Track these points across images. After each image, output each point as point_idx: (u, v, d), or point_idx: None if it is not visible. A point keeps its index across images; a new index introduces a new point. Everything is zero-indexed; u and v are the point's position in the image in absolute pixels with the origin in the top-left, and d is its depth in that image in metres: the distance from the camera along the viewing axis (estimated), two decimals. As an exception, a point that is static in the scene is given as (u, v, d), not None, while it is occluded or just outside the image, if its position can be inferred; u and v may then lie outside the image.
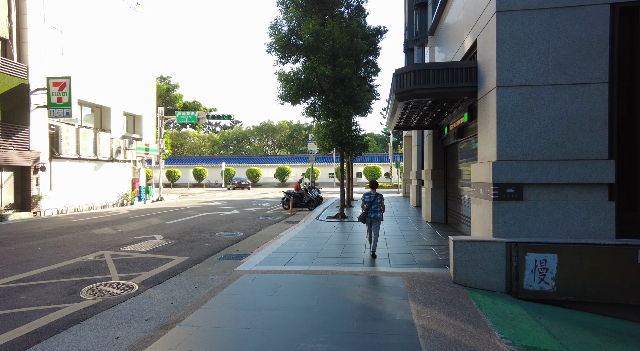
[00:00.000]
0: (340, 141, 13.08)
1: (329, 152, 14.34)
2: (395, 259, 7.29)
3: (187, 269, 6.80)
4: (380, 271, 6.40)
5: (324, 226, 11.89)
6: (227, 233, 10.72)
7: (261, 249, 8.37)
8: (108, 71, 20.93)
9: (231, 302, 4.99)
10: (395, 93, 7.83)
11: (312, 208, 17.75)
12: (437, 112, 10.02)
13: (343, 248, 8.42)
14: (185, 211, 16.88)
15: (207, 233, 10.69)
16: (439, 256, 7.51)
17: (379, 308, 4.69)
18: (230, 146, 76.80)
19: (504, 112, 6.07)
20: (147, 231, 10.93)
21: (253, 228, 11.77)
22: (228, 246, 8.96)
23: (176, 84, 34.54)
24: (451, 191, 12.18)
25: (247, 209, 17.83)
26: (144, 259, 7.48)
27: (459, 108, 9.40)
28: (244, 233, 10.79)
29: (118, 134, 21.81)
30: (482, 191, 6.61)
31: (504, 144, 6.06)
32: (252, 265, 6.92)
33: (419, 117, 10.59)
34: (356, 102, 13.15)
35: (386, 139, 74.10)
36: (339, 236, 9.97)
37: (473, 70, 7.23)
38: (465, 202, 10.57)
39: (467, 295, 5.37)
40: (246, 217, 14.63)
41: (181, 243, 9.17)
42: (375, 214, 7.42)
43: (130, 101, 22.97)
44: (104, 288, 5.61)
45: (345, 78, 12.87)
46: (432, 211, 12.69)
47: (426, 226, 11.86)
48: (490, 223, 6.11)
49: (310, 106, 14.12)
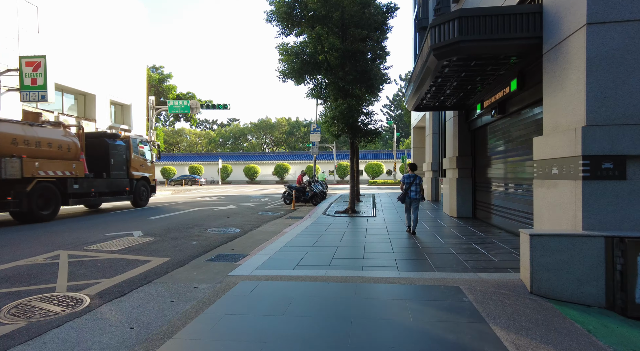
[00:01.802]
0: (351, 124, 11.41)
1: (337, 138, 12.65)
2: (436, 261, 5.63)
3: (165, 274, 5.12)
4: (426, 278, 4.73)
5: (334, 221, 10.22)
6: (221, 229, 9.03)
7: (262, 248, 6.70)
8: (93, 56, 19.18)
9: (220, 327, 3.32)
10: (433, 49, 6.16)
11: (317, 203, 16.09)
12: (472, 83, 8.36)
13: (364, 246, 6.75)
14: (175, 206, 15.15)
15: (197, 229, 8.99)
16: (491, 257, 5.85)
17: (450, 338, 3.03)
18: (227, 144, 74.98)
19: (597, 59, 4.42)
20: (125, 227, 9.23)
21: (251, 224, 10.09)
22: (221, 244, 7.27)
23: (169, 73, 32.68)
24: (481, 181, 10.54)
25: (244, 205, 16.13)
26: (110, 262, 5.78)
27: (500, 77, 7.75)
28: (241, 230, 9.11)
29: (104, 124, 20.07)
30: (556, 170, 4.96)
31: (597, 103, 4.41)
32: (251, 269, 5.25)
33: (449, 91, 8.93)
34: (369, 79, 11.48)
35: (386, 137, 72.49)
36: (354, 233, 8.31)
37: (536, 16, 5.58)
38: (497, 193, 8.93)
39: (559, 313, 3.71)
40: (243, 212, 12.94)
41: (163, 241, 7.47)
42: (415, 195, 7.96)
43: (118, 89, 21.23)
44: (39, 304, 3.92)
45: (357, 51, 11.19)
46: (458, 205, 11.04)
47: (453, 221, 10.21)
48: (577, 211, 4.46)
49: (316, 85, 12.42)
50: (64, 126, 12.09)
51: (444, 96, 9.42)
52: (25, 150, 10.21)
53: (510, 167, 8.29)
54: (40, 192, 10.53)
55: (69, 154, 11.58)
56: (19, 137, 10.17)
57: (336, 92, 11.48)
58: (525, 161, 7.47)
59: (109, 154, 13.48)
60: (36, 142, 10.60)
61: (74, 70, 17.85)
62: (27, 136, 10.42)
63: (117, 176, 13.77)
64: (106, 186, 13.13)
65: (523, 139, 7.58)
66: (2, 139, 9.70)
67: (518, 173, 7.89)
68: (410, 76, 10.23)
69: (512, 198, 8.21)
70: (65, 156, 11.44)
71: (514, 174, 8.06)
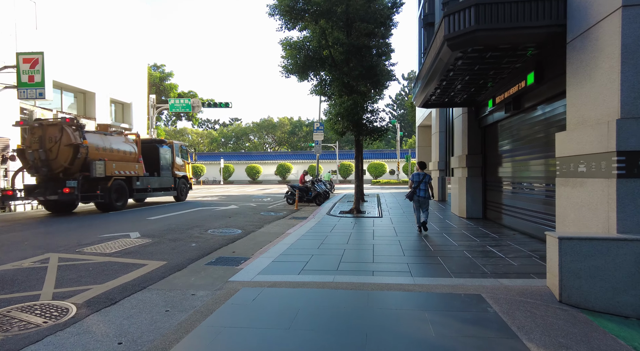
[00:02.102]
0: (356, 121, 11.03)
1: (341, 136, 12.27)
2: (451, 265, 5.25)
3: (162, 280, 4.76)
4: (444, 285, 4.35)
5: (339, 222, 9.85)
6: (222, 231, 8.67)
7: (265, 250, 6.33)
8: (93, 53, 18.87)
9: (218, 344, 2.95)
10: (447, 39, 5.77)
11: (320, 203, 15.71)
12: (485, 78, 7.97)
13: (373, 249, 6.37)
14: (175, 206, 14.81)
15: (197, 231, 8.63)
16: (510, 261, 5.46)
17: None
18: (229, 143, 74.70)
19: (634, 45, 4.02)
20: (122, 228, 8.88)
21: (254, 225, 9.72)
22: (222, 246, 6.91)
23: (170, 72, 32.34)
24: (492, 180, 10.14)
25: (246, 205, 15.77)
26: (103, 265, 5.43)
27: (515, 71, 7.36)
28: (243, 231, 8.74)
29: (104, 122, 19.73)
30: (584, 167, 4.57)
31: (634, 94, 4.01)
32: (253, 274, 4.88)
33: (460, 86, 8.54)
34: (375, 75, 11.10)
35: (389, 136, 71.94)
36: (361, 234, 7.93)
37: (560, 2, 5.19)
38: (510, 192, 8.53)
39: (597, 327, 3.33)
40: (245, 212, 12.58)
41: (161, 243, 7.11)
42: (424, 194, 7.97)
43: (118, 88, 20.92)
44: (19, 315, 3.56)
45: (362, 46, 10.81)
46: (468, 205, 10.64)
47: (463, 222, 9.81)
48: (610, 212, 4.07)
49: (320, 82, 12.05)
50: (125, 134, 14.98)
51: (454, 91, 9.03)
52: (105, 155, 12.89)
53: (525, 165, 7.89)
54: (116, 188, 13.13)
55: (131, 157, 14.40)
56: (100, 145, 12.86)
57: (341, 88, 11.11)
58: (543, 158, 7.07)
59: (159, 157, 16.29)
60: (110, 149, 13.34)
61: (73, 68, 17.54)
62: (105, 144, 13.16)
63: (165, 175, 16.65)
64: (158, 183, 15.99)
65: (540, 136, 7.19)
66: (91, 147, 12.29)
67: (534, 172, 7.49)
68: (418, 72, 9.86)
69: (528, 198, 7.81)
70: (129, 159, 14.24)
71: (530, 172, 7.67)
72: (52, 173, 11.85)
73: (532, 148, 7.54)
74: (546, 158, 6.98)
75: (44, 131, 11.82)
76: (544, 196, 7.03)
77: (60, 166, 11.77)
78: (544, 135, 7.05)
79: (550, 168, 6.87)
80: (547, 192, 6.91)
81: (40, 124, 11.98)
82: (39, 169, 11.84)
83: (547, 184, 6.92)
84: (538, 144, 7.31)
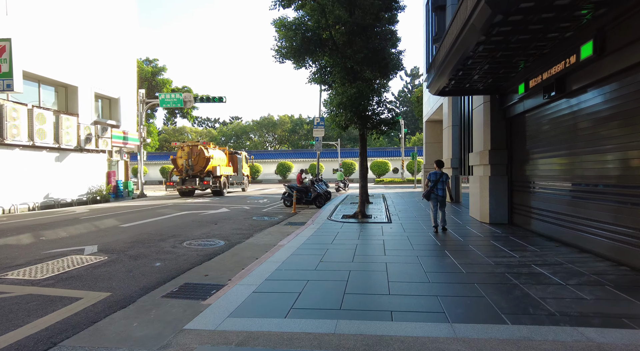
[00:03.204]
0: (361, 112, 9.56)
1: (343, 132, 10.79)
2: (499, 299, 3.78)
3: (90, 326, 3.33)
4: (501, 340, 2.87)
5: (342, 230, 8.41)
6: (202, 242, 7.23)
7: (247, 273, 4.89)
8: (75, 44, 17.44)
9: None
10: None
11: (321, 205, 14.27)
12: (520, 55, 6.49)
13: (386, 270, 4.92)
14: (160, 210, 13.38)
15: (171, 242, 7.19)
16: (577, 292, 3.98)
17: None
18: (230, 142, 73.26)
19: None
20: (80, 241, 7.42)
21: (241, 234, 8.28)
22: (194, 266, 5.47)
23: (163, 66, 30.81)
24: (520, 180, 8.67)
25: (239, 207, 14.34)
26: (16, 303, 3.97)
27: (562, 43, 5.88)
28: (227, 242, 7.30)
29: (88, 119, 18.34)
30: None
31: None
32: (221, 316, 3.43)
33: (487, 67, 7.06)
34: (383, 58, 9.62)
35: (392, 134, 70.33)
36: (369, 247, 6.48)
37: None
38: (547, 195, 7.06)
39: None
40: (235, 217, 11.12)
41: (116, 262, 5.66)
42: (442, 193, 7.82)
43: (104, 82, 19.49)
44: None
45: (367, 26, 9.33)
46: (491, 208, 9.17)
47: (487, 229, 8.35)
48: None
49: (320, 68, 10.57)
50: (222, 149, 23.83)
51: (480, 73, 7.55)
52: (217, 162, 21.42)
53: (576, 161, 6.41)
54: (223, 182, 21.42)
55: (225, 163, 23.09)
56: (215, 156, 21.41)
57: (343, 75, 9.64)
58: (599, 153, 5.60)
59: (236, 162, 25.04)
60: (217, 158, 21.78)
61: (53, 59, 16.13)
62: (215, 155, 21.58)
63: (239, 174, 25.51)
64: (237, 180, 25.08)
65: (593, 125, 5.71)
66: (212, 158, 20.92)
67: (587, 170, 6.01)
68: (434, 58, 8.38)
69: (573, 202, 6.34)
70: (225, 164, 22.90)
71: (583, 171, 6.17)
72: (193, 173, 20.56)
73: (589, 141, 6.05)
74: (603, 153, 5.53)
75: (190, 148, 20.72)
76: (609, 201, 5.55)
77: (199, 170, 20.51)
78: (600, 124, 5.58)
79: (608, 165, 5.41)
80: (615, 196, 5.44)
81: (188, 145, 20.77)
82: (186, 171, 20.56)
83: (615, 185, 5.45)
84: (591, 136, 5.84)
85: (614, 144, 5.36)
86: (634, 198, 4.87)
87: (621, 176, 5.19)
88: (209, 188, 20.64)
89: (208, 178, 20.27)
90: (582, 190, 6.18)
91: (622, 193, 5.15)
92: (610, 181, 5.44)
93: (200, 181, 20.18)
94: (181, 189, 20.65)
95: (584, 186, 6.12)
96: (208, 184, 20.26)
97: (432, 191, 7.83)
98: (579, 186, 6.26)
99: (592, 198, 5.89)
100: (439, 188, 7.81)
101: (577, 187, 6.32)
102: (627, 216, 5.02)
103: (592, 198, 5.88)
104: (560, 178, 6.86)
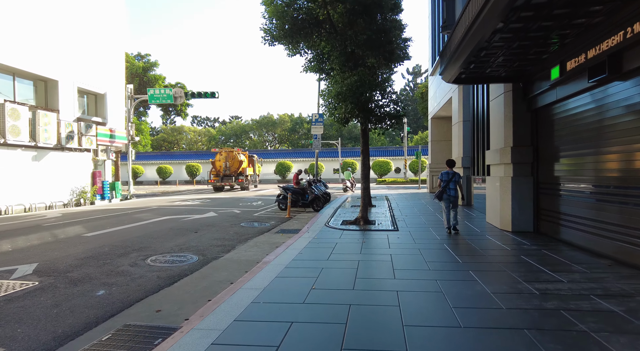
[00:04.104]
0: (363, 103, 8.32)
1: (343, 127, 9.53)
2: None
3: None
4: None
5: (341, 241, 7.17)
6: (170, 258, 5.98)
7: (212, 307, 3.65)
8: (56, 35, 16.22)
9: None
10: None
11: (319, 208, 13.03)
12: (557, 29, 5.23)
13: (398, 302, 3.68)
14: (139, 214, 12.12)
15: (133, 257, 5.95)
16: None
17: None
18: (229, 142, 72.02)
19: None
20: (21, 256, 6.12)
21: (222, 245, 7.04)
22: (148, 295, 4.23)
23: (155, 61, 29.53)
24: (549, 181, 7.42)
25: (229, 211, 13.10)
26: None
27: (615, 11, 4.63)
28: (201, 257, 6.06)
29: (70, 115, 17.10)
30: None
31: None
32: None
33: (516, 45, 5.81)
34: (389, 42, 8.37)
35: (393, 133, 69.01)
36: (374, 267, 5.23)
37: None
38: (581, 199, 5.80)
39: None
40: (221, 224, 9.87)
41: (49, 289, 4.41)
42: (454, 193, 7.60)
43: (89, 76, 18.26)
44: None
45: (370, 3, 8.08)
46: (514, 214, 7.91)
47: (511, 239, 7.09)
48: None
49: (316, 55, 9.32)
50: (245, 153, 28.43)
51: (507, 55, 6.29)
52: (244, 164, 26.64)
53: (628, 159, 5.15)
54: (241, 179, 25.85)
55: (246, 164, 27.23)
56: (243, 160, 26.56)
57: (342, 60, 8.39)
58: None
59: (254, 163, 29.11)
60: (241, 160, 26.30)
61: (30, 50, 14.92)
62: (241, 159, 26.23)
63: (254, 173, 30.02)
64: (252, 179, 29.00)
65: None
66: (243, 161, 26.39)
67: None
68: (448, 39, 7.13)
69: (633, 210, 5.07)
70: (246, 166, 27.26)
71: (638, 172, 4.92)
72: (228, 173, 25.73)
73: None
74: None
75: (227, 153, 26.14)
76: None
77: (234, 170, 25.81)
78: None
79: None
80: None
81: (225, 151, 26.27)
82: (223, 171, 25.78)
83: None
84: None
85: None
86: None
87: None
88: (241, 185, 26.13)
89: (241, 176, 25.88)
90: (636, 195, 4.92)
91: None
92: None
93: (235, 179, 25.67)
94: (216, 185, 25.66)
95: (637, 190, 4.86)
96: (242, 182, 25.88)
97: (444, 191, 7.61)
98: (632, 190, 5.00)
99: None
100: (451, 188, 7.60)
101: (628, 190, 5.06)
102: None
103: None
104: (606, 178, 5.61)
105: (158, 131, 73.23)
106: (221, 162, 25.58)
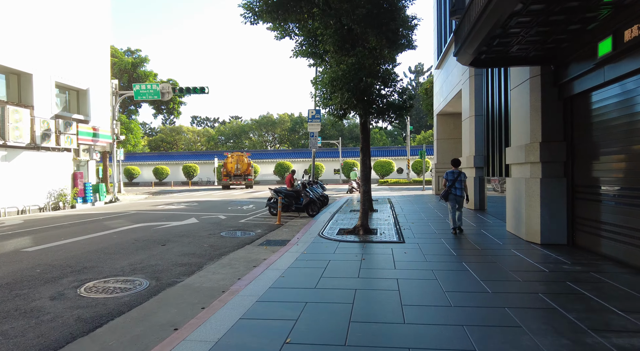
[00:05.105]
0: (363, 91, 6.99)
1: (339, 121, 8.20)
2: None
3: None
4: None
5: (335, 256, 5.86)
6: (112, 285, 4.65)
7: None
8: (32, 25, 14.97)
9: None
10: None
11: (314, 213, 11.71)
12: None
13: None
14: (110, 221, 10.77)
15: (63, 285, 4.62)
16: None
17: None
18: (229, 142, 70.76)
19: None
20: None
21: (187, 264, 5.73)
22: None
23: (145, 57, 28.23)
24: (587, 183, 6.09)
25: (213, 217, 11.78)
26: None
27: None
28: (153, 282, 4.74)
29: (47, 112, 15.83)
30: None
31: None
32: None
33: (555, 18, 4.50)
34: (393, 19, 7.04)
35: (395, 133, 67.59)
36: (377, 300, 3.90)
37: None
38: (629, 205, 4.48)
39: None
40: (197, 233, 8.53)
41: None
42: (461, 192, 7.44)
43: (69, 70, 17.00)
44: None
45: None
46: (543, 223, 6.57)
47: (542, 255, 5.75)
48: None
49: (307, 37, 7.99)
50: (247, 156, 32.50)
51: (542, 25, 4.96)
52: (243, 166, 31.18)
53: None
54: (250, 178, 31.29)
55: (249, 165, 31.40)
56: (250, 162, 31.98)
57: (337, 39, 7.06)
58: None
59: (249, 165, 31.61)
60: (246, 163, 31.30)
61: (0, 42, 13.67)
62: (246, 161, 31.30)
63: (253, 174, 33.00)
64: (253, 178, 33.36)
65: None
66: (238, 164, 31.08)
67: None
68: (465, 11, 5.81)
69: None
70: (249, 166, 31.40)
71: None
72: (239, 174, 30.51)
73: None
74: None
75: (238, 156, 31.02)
76: None
77: (243, 171, 30.67)
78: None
79: None
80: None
81: (236, 154, 31.23)
82: (234, 172, 30.50)
83: None
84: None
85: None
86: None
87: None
88: (248, 183, 30.95)
89: (249, 176, 30.88)
90: None
91: None
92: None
93: (244, 179, 30.67)
94: (227, 184, 30.71)
95: None
96: (250, 182, 30.99)
97: (450, 191, 7.46)
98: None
99: None
100: (457, 188, 7.45)
101: None
102: None
103: None
104: (596, 179, 4.28)
105: (157, 131, 72.04)
106: (233, 164, 30.46)
